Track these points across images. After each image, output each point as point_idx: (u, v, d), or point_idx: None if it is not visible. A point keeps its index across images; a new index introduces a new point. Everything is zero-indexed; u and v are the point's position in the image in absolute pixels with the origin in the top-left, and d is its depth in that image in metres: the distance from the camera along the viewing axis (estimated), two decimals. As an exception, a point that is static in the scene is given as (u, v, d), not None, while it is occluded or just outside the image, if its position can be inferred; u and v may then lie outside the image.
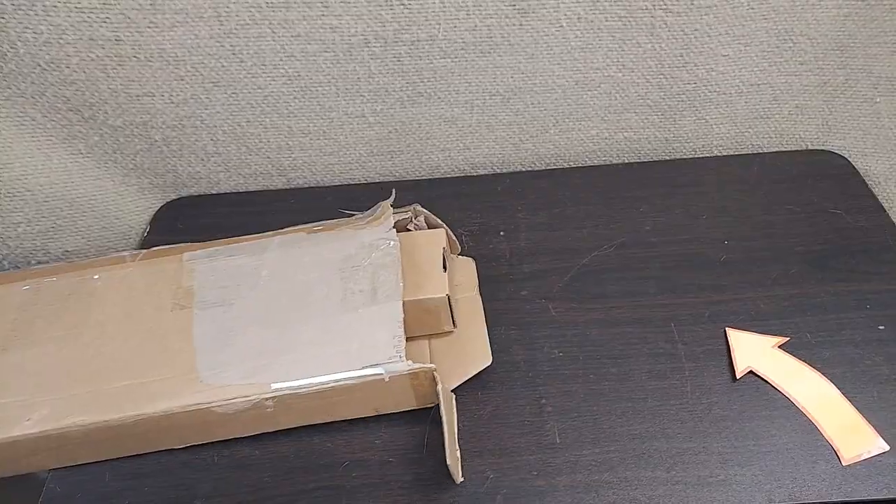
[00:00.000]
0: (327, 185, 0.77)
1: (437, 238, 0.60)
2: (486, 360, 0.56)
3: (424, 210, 0.61)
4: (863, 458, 0.52)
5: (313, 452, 0.53)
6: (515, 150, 0.76)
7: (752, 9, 0.64)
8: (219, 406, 0.49)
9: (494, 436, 0.55)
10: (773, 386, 0.56)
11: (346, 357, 0.50)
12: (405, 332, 0.52)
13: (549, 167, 0.78)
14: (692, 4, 0.63)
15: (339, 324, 0.52)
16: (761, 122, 0.76)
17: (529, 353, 0.60)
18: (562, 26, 0.64)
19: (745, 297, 0.63)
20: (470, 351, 0.57)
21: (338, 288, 0.54)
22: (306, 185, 0.76)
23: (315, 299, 0.54)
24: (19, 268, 0.70)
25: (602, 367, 0.58)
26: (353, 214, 0.62)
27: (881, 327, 0.60)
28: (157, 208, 0.75)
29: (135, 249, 0.73)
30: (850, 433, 0.53)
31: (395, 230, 0.58)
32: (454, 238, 0.63)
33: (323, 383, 0.50)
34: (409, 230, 0.62)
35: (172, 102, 0.65)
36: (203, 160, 0.72)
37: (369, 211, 0.61)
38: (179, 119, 0.66)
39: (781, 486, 0.51)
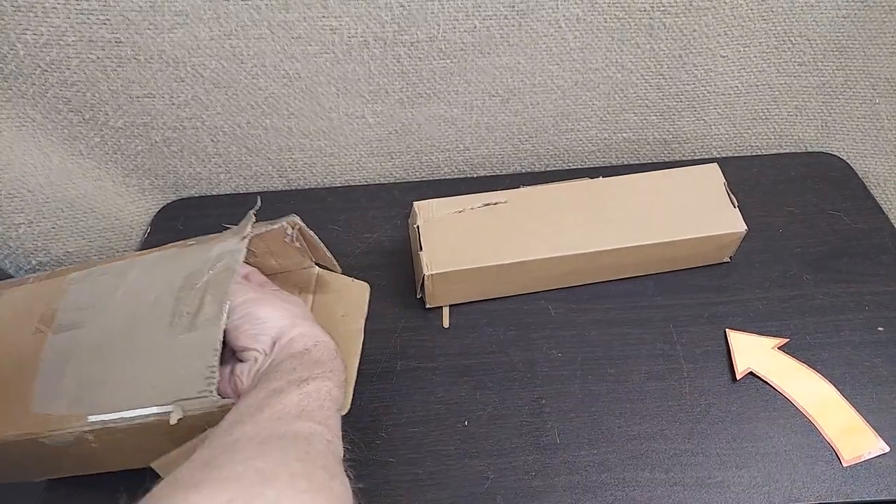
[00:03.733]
0: (327, 186, 0.77)
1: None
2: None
3: (300, 222, 0.54)
4: (863, 459, 0.52)
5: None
6: (514, 151, 0.76)
7: (751, 10, 0.64)
8: (45, 437, 0.46)
9: (493, 436, 0.55)
10: (772, 387, 0.56)
11: (158, 390, 0.45)
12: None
13: (548, 168, 0.78)
14: (691, 5, 0.63)
15: (159, 352, 0.47)
16: (760, 124, 0.76)
17: (528, 354, 0.60)
18: (560, 27, 0.64)
19: (743, 299, 0.63)
20: None
21: (169, 310, 0.48)
22: (307, 187, 0.76)
23: (147, 323, 0.49)
24: (21, 268, 0.70)
25: (600, 367, 0.58)
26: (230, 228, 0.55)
27: (880, 328, 0.60)
28: (157, 209, 0.75)
29: (136, 251, 0.74)
30: (850, 434, 0.53)
31: (246, 241, 0.51)
32: (331, 258, 0.57)
33: (132, 419, 0.44)
34: (286, 242, 0.56)
35: (173, 104, 0.65)
36: (203, 161, 0.72)
37: (242, 222, 0.54)
38: (180, 120, 0.67)
39: (780, 487, 0.51)
